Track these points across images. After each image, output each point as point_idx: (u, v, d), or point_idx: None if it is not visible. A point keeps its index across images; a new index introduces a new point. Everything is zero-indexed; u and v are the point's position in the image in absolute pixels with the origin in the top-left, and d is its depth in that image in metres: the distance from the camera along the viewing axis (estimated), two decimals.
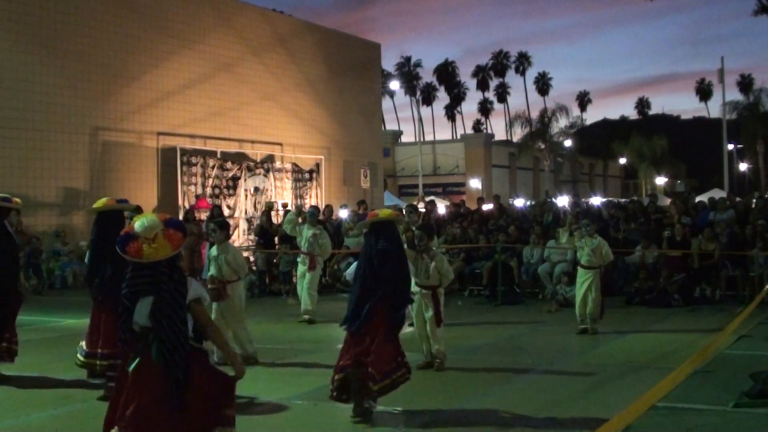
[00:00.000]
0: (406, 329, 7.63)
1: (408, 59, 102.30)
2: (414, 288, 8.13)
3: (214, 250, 9.07)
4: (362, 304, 6.59)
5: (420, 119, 50.49)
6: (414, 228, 9.21)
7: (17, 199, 8.77)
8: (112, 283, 6.69)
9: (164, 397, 4.32)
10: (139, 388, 4.35)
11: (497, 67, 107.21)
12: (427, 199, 27.88)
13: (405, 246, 7.83)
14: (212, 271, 8.94)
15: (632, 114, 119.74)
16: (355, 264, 7.25)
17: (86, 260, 7.85)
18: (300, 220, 13.22)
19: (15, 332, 8.30)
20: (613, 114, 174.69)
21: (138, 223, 4.48)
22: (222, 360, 6.61)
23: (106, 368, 7.10)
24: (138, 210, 10.02)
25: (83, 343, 7.50)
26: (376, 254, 6.63)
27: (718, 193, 27.68)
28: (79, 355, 7.50)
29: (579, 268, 11.40)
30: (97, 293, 7.41)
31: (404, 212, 12.74)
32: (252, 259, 18.59)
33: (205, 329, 4.71)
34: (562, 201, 26.24)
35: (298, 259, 13.33)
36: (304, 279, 12.79)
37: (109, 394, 4.73)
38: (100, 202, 7.74)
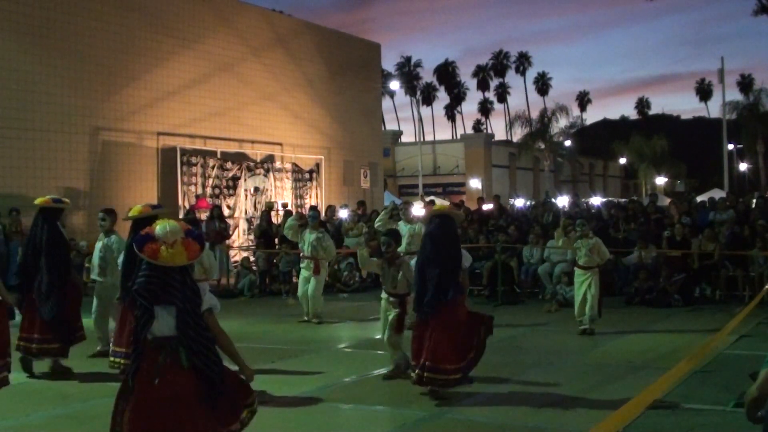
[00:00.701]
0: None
1: (408, 59, 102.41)
2: (382, 295, 8.22)
3: None
4: (423, 290, 7.40)
5: (420, 119, 50.47)
6: (383, 234, 8.70)
7: (66, 200, 9.25)
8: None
9: (193, 402, 4.40)
10: (165, 397, 4.37)
11: (497, 67, 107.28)
12: (427, 199, 27.90)
13: (365, 252, 8.42)
14: None
15: (632, 114, 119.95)
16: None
17: (120, 264, 8.47)
18: (299, 224, 12.89)
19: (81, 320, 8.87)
20: (613, 114, 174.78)
21: (160, 227, 4.54)
22: None
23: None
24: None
25: (112, 345, 8.34)
26: (429, 241, 7.57)
27: (718, 193, 27.68)
28: (111, 357, 8.24)
29: (576, 269, 11.39)
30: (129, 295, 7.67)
31: (400, 210, 12.42)
32: (252, 258, 18.60)
33: (216, 339, 4.74)
34: (562, 201, 26.24)
35: (302, 264, 12.96)
36: (308, 283, 12.47)
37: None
38: (135, 209, 8.21)
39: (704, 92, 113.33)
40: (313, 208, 17.39)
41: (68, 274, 8.70)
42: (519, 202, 32.59)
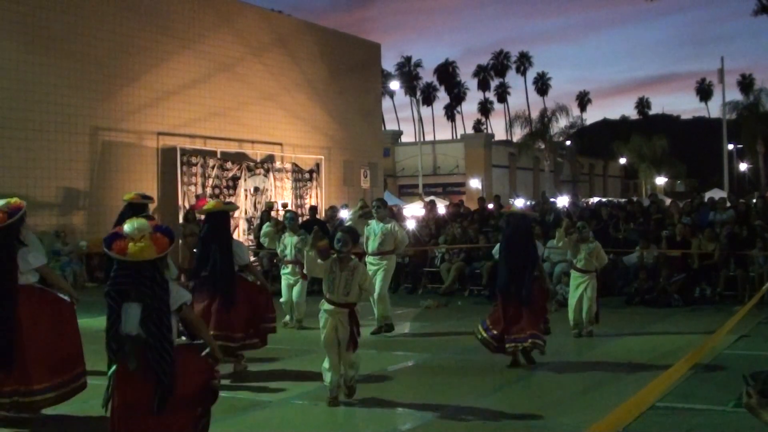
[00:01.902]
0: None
1: (408, 59, 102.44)
2: (324, 306, 6.97)
3: None
4: (506, 279, 8.78)
5: (420, 119, 50.56)
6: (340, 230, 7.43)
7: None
8: (223, 274, 8.27)
9: (148, 402, 4.44)
10: (127, 391, 4.48)
11: (498, 67, 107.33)
12: (427, 199, 27.90)
13: (311, 254, 6.93)
14: None
15: (632, 114, 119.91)
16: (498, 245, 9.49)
17: (196, 255, 8.83)
18: (276, 230, 12.17)
19: None
20: (613, 114, 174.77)
21: (128, 225, 4.58)
22: None
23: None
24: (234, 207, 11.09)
25: None
26: (507, 240, 8.93)
27: (718, 193, 27.68)
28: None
29: (573, 271, 11.28)
30: (207, 284, 8.36)
31: (372, 207, 11.51)
32: (252, 258, 18.60)
33: (195, 328, 4.86)
34: (562, 201, 26.23)
35: (285, 270, 11.92)
36: (293, 289, 11.77)
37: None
38: (210, 204, 8.93)
39: (704, 92, 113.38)
40: (291, 212, 17.30)
41: None
42: (519, 202, 32.56)
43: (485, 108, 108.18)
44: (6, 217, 6.49)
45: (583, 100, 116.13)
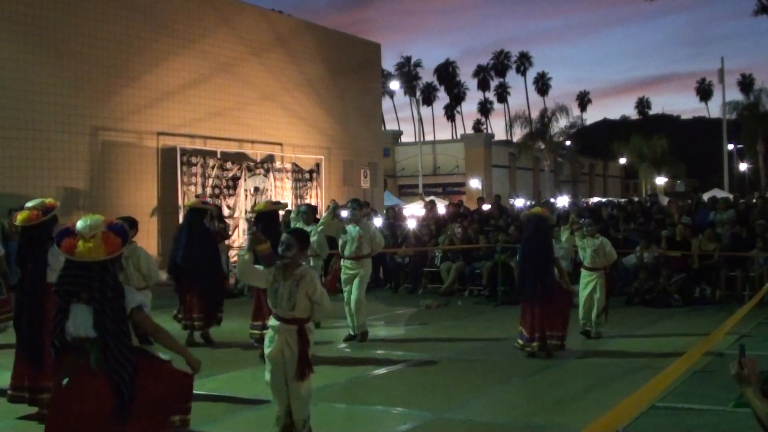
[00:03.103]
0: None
1: (408, 59, 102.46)
2: (271, 321, 5.91)
3: None
4: (528, 278, 9.24)
5: (420, 119, 50.56)
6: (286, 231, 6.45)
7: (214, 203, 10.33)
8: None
9: (108, 410, 4.19)
10: (78, 400, 4.21)
11: (498, 67, 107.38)
12: (427, 199, 27.91)
13: (246, 257, 5.97)
14: None
15: (632, 114, 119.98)
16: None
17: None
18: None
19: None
20: (613, 114, 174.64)
21: (81, 221, 4.37)
22: None
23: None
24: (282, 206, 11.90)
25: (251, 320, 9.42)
26: (527, 241, 9.44)
27: (718, 193, 27.69)
28: (250, 330, 9.46)
29: (582, 270, 11.19)
30: None
31: (348, 208, 11.18)
32: None
33: (153, 336, 4.60)
34: (562, 201, 26.23)
35: None
36: None
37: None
38: (260, 205, 9.74)
39: (704, 92, 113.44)
40: (308, 205, 17.24)
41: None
42: (519, 202, 32.59)
43: (485, 108, 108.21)
44: (41, 215, 6.80)
45: (583, 100, 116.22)
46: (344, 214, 18.65)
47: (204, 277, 10.58)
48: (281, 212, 12.52)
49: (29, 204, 7.01)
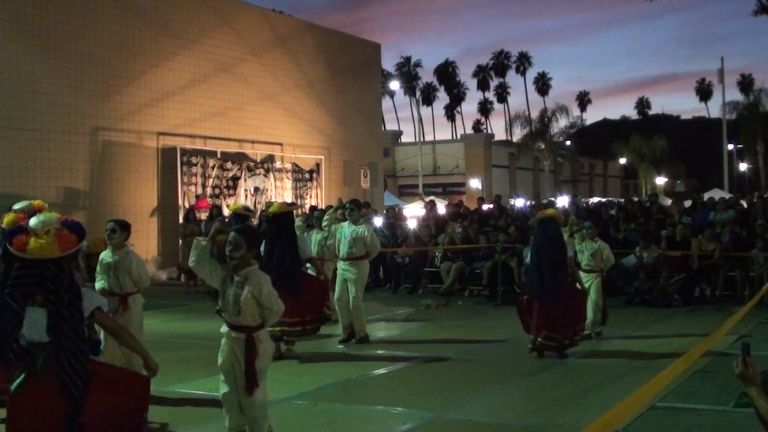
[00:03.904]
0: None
1: (408, 59, 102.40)
2: (222, 328, 5.49)
3: (108, 256, 7.42)
4: (540, 278, 9.24)
5: (420, 119, 50.59)
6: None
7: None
8: (291, 270, 9.01)
9: (60, 417, 4.00)
10: (29, 407, 4.03)
11: (498, 67, 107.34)
12: (428, 199, 27.90)
13: (203, 242, 5.76)
14: (102, 282, 7.38)
15: (632, 114, 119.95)
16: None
17: (262, 252, 9.15)
18: (305, 225, 12.02)
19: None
20: (613, 114, 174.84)
21: (34, 218, 4.18)
22: None
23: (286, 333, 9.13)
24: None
25: None
26: (541, 242, 9.40)
27: (718, 193, 27.67)
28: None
29: (579, 272, 11.20)
30: (282, 278, 8.60)
31: (346, 208, 10.87)
32: None
33: (116, 336, 4.49)
34: (562, 201, 26.24)
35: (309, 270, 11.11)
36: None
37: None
38: (275, 206, 9.60)
39: (704, 92, 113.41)
40: (313, 208, 17.32)
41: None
42: (519, 202, 32.60)
43: (485, 108, 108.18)
44: (26, 218, 6.30)
45: (583, 100, 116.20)
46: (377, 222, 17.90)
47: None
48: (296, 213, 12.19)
49: (16, 206, 6.73)
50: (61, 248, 4.10)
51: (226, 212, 19.88)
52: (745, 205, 19.35)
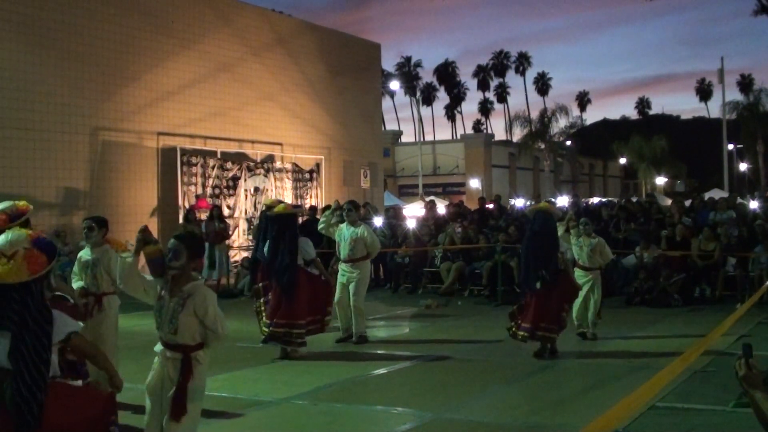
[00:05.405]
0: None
1: (408, 59, 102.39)
2: (156, 347, 4.91)
3: (87, 254, 7.29)
4: (528, 272, 9.40)
5: (420, 119, 50.59)
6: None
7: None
8: (290, 270, 9.11)
9: None
10: None
11: (497, 67, 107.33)
12: (428, 199, 27.92)
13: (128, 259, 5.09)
14: (79, 281, 7.24)
15: (632, 114, 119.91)
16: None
17: (266, 253, 9.50)
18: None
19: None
20: (613, 114, 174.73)
21: (2, 237, 3.96)
22: None
23: (281, 334, 9.24)
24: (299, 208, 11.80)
25: (265, 318, 9.58)
26: (532, 234, 9.50)
27: (718, 193, 27.68)
28: (264, 327, 9.59)
29: (576, 269, 11.02)
30: (278, 277, 9.26)
31: (344, 209, 10.78)
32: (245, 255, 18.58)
33: (92, 359, 4.33)
34: (562, 201, 26.23)
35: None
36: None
37: None
38: (279, 207, 9.60)
39: (704, 92, 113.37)
40: (313, 209, 17.33)
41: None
42: (519, 202, 32.60)
43: (485, 108, 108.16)
44: (7, 220, 6.05)
45: (583, 100, 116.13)
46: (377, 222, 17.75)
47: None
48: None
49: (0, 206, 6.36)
50: (29, 271, 3.84)
51: (258, 211, 19.84)
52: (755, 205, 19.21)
